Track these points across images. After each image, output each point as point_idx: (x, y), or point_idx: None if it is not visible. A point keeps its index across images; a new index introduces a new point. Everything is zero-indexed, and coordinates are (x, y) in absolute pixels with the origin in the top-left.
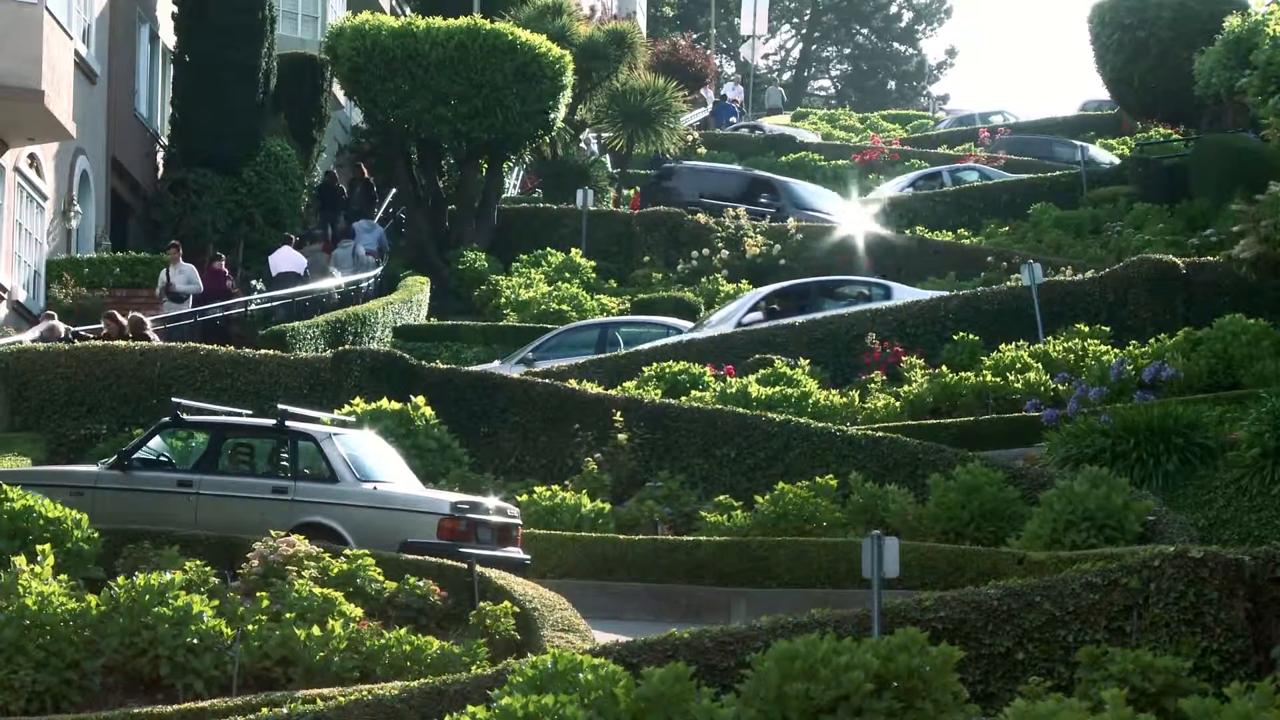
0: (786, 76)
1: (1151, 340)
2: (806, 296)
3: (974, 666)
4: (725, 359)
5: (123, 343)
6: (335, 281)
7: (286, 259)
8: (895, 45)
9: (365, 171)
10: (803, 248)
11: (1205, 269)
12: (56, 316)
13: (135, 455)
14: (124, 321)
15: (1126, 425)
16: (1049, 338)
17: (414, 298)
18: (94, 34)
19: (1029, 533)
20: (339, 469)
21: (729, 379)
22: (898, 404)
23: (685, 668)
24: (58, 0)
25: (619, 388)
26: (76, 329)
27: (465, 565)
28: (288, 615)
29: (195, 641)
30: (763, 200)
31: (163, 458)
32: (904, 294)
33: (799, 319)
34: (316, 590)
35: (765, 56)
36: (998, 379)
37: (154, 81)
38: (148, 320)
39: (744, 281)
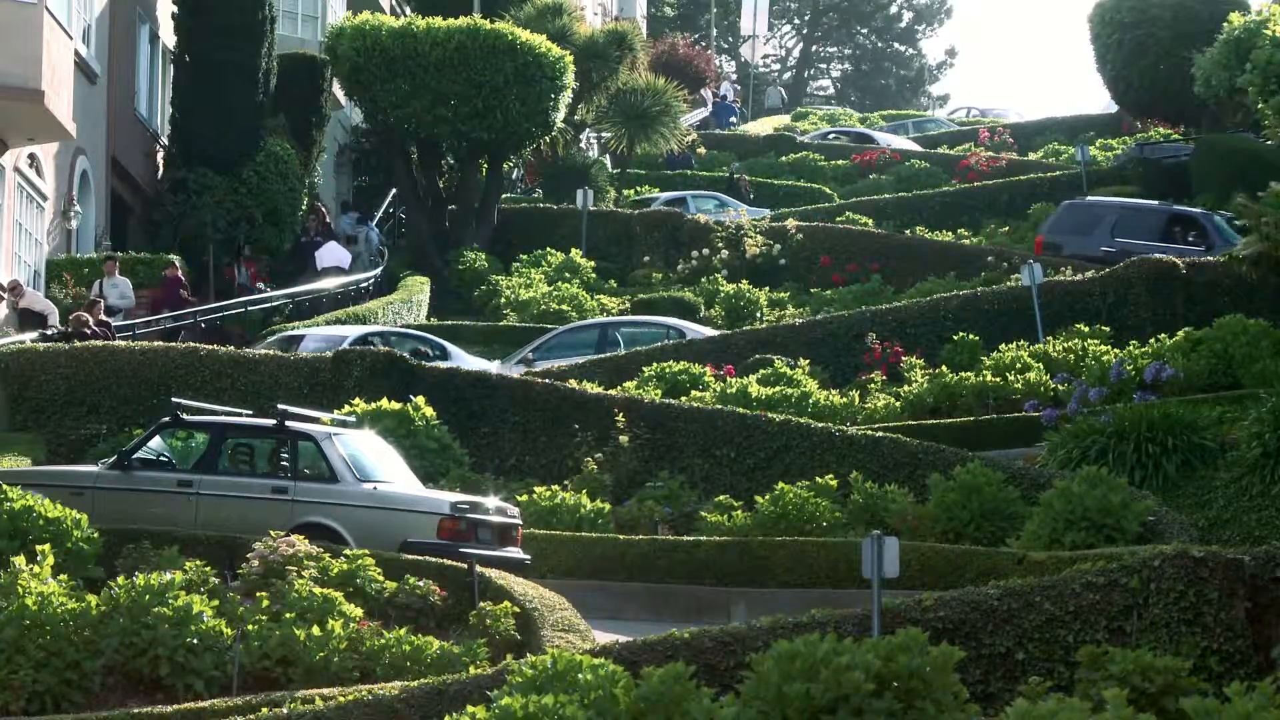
0: (786, 76)
1: (1151, 340)
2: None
3: (974, 666)
4: (725, 359)
5: (123, 343)
6: (335, 282)
7: (332, 254)
8: (895, 45)
9: (325, 215)
10: (802, 248)
11: (1205, 269)
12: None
13: (135, 455)
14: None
15: (1127, 425)
16: (1049, 338)
17: (414, 298)
18: (94, 34)
19: (1029, 533)
20: (339, 469)
21: (729, 379)
22: (898, 404)
23: (685, 668)
24: (58, 0)
25: (619, 388)
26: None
27: (465, 565)
28: (288, 615)
29: (195, 641)
30: (1190, 240)
31: (163, 458)
32: (460, 357)
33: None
34: (316, 590)
35: (765, 57)
36: (998, 379)
37: (154, 81)
38: (88, 318)
39: (744, 281)
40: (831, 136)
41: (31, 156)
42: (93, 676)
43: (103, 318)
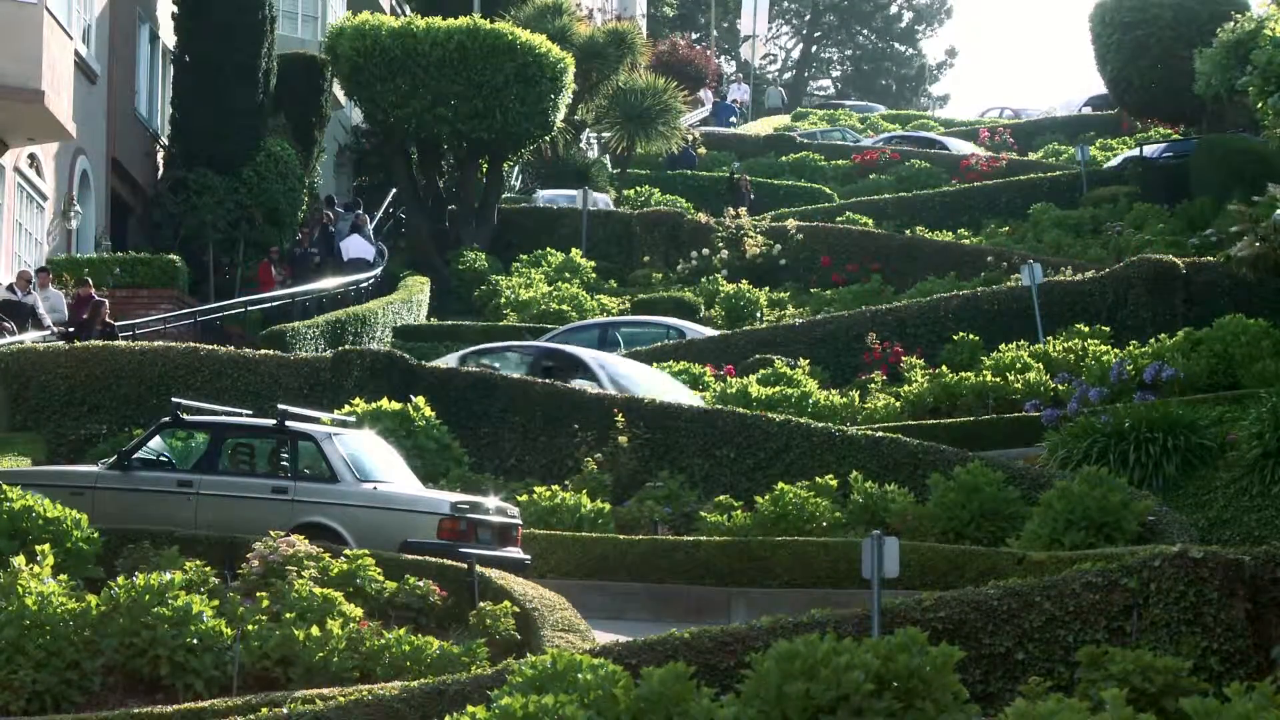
0: (787, 76)
1: (1151, 340)
2: None
3: (974, 666)
4: (725, 359)
5: (123, 343)
6: (335, 282)
7: (357, 245)
8: (895, 45)
9: (327, 217)
10: (802, 248)
11: (1205, 269)
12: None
13: (135, 455)
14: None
15: (1126, 425)
16: (1049, 338)
17: (414, 298)
18: (94, 34)
19: (1029, 533)
20: (339, 469)
21: (729, 379)
22: (898, 404)
23: (685, 668)
24: (58, 0)
25: None
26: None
27: (465, 565)
28: (288, 615)
29: (195, 641)
30: None
31: (163, 458)
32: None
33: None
34: (316, 590)
35: (765, 57)
36: (998, 379)
37: (154, 81)
38: (106, 302)
39: (744, 281)
40: (895, 141)
41: (31, 156)
42: (93, 676)
43: (106, 319)
